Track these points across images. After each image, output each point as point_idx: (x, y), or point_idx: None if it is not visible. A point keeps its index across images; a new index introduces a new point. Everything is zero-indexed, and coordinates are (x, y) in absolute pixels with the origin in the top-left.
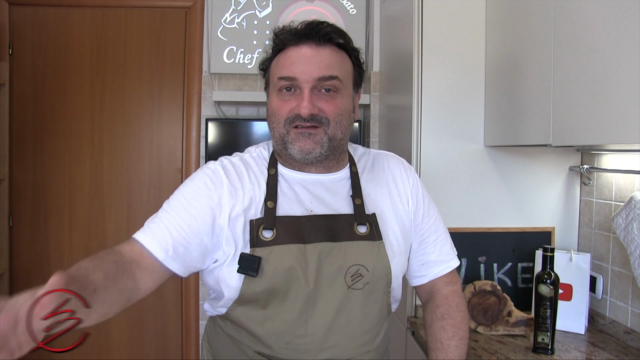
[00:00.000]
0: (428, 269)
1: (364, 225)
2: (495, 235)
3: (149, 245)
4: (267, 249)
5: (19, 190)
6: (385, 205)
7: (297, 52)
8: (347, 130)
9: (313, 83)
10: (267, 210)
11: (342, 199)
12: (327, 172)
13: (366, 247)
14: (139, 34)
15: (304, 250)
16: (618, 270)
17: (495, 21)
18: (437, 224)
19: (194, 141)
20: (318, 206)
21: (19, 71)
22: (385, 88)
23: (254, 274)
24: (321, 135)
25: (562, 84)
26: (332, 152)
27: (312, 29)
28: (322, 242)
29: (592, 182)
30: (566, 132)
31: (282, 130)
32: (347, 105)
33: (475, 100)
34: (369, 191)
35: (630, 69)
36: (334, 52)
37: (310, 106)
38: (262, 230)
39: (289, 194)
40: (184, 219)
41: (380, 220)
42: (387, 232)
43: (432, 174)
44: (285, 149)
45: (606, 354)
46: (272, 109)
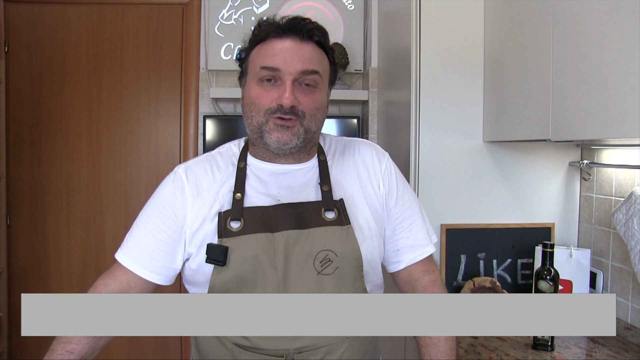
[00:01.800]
0: (403, 254)
1: (332, 211)
2: (495, 231)
3: (134, 269)
4: (235, 239)
5: (16, 189)
6: (354, 190)
7: (280, 44)
8: (320, 124)
9: (295, 75)
10: (235, 202)
11: (310, 187)
12: (297, 163)
13: (334, 232)
14: (135, 30)
15: (271, 238)
16: (618, 266)
17: (493, 16)
18: (412, 209)
19: (192, 138)
20: (286, 195)
21: (15, 69)
22: (383, 84)
23: (221, 263)
24: (298, 127)
25: (561, 78)
26: (305, 144)
27: (297, 24)
28: (290, 229)
29: (592, 178)
30: (565, 127)
31: (262, 119)
32: (323, 100)
33: (474, 95)
34: (338, 177)
35: (630, 63)
36: (315, 49)
37: (292, 97)
38: (230, 221)
39: (257, 185)
40: (157, 236)
41: (349, 205)
42: (356, 216)
43: (431, 170)
44: (261, 138)
45: (606, 350)
46: (250, 98)
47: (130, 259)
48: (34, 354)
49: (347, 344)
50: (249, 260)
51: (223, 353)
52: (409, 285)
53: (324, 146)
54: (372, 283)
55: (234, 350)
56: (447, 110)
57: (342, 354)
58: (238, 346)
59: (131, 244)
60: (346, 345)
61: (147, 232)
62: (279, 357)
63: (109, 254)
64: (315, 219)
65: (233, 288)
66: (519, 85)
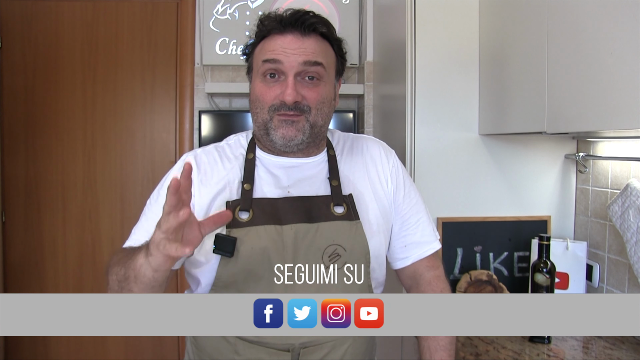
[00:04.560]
0: (410, 250)
1: (341, 206)
2: (491, 224)
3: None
4: (243, 230)
5: (11, 186)
6: (363, 186)
7: (282, 39)
8: (327, 118)
9: (298, 68)
10: (244, 192)
11: (319, 181)
12: (306, 157)
13: (343, 227)
14: (130, 26)
15: (280, 231)
16: (614, 258)
17: (489, 8)
18: (418, 206)
19: (187, 134)
20: (295, 189)
21: (9, 65)
22: (379, 78)
23: (229, 255)
24: (303, 122)
25: (556, 70)
26: (313, 139)
27: (298, 19)
28: (299, 223)
29: (588, 170)
30: (561, 119)
31: (266, 116)
32: (329, 93)
33: (470, 88)
34: (347, 173)
35: (626, 55)
36: (318, 41)
37: (294, 93)
38: (239, 211)
39: (266, 177)
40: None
41: (357, 200)
42: (365, 211)
43: (427, 164)
44: (267, 134)
45: (602, 342)
46: (255, 95)
47: (136, 243)
48: (30, 353)
49: (351, 340)
50: (258, 252)
51: (225, 348)
52: (413, 280)
53: (332, 141)
54: (377, 280)
55: (238, 345)
56: (443, 104)
57: (346, 350)
58: (242, 340)
59: (138, 232)
60: (350, 341)
61: (154, 215)
62: (284, 351)
63: (104, 249)
64: (324, 213)
65: (240, 280)
66: (514, 78)
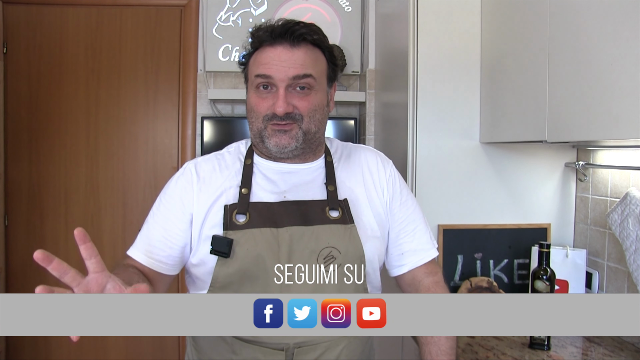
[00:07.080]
0: (407, 257)
1: (336, 210)
2: (491, 232)
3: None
4: (240, 232)
5: (14, 189)
6: (359, 192)
7: (272, 52)
8: (321, 124)
9: (288, 82)
10: (241, 196)
11: (316, 186)
12: (303, 163)
13: (338, 230)
14: (133, 32)
15: (276, 233)
16: (614, 266)
17: (490, 17)
18: (415, 214)
19: (190, 139)
20: (292, 193)
21: (14, 70)
22: (381, 85)
23: (226, 255)
24: (296, 130)
25: (557, 79)
26: (307, 145)
27: (287, 30)
28: (294, 226)
29: (588, 179)
30: (562, 128)
31: (261, 125)
32: (321, 100)
33: (471, 97)
34: (343, 179)
35: (626, 64)
36: (307, 51)
37: (285, 105)
38: (236, 214)
39: (263, 182)
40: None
41: (353, 205)
42: (360, 216)
43: (428, 171)
44: (262, 142)
45: (602, 349)
46: (250, 105)
47: (138, 251)
48: (31, 353)
49: (346, 341)
50: (253, 253)
51: (222, 347)
52: (412, 287)
53: (331, 149)
54: (372, 285)
55: (234, 345)
56: (444, 112)
57: (341, 351)
58: (239, 339)
59: (140, 238)
60: (345, 342)
61: (156, 224)
62: (279, 350)
63: (106, 254)
64: (319, 216)
65: (236, 281)
66: (515, 87)
